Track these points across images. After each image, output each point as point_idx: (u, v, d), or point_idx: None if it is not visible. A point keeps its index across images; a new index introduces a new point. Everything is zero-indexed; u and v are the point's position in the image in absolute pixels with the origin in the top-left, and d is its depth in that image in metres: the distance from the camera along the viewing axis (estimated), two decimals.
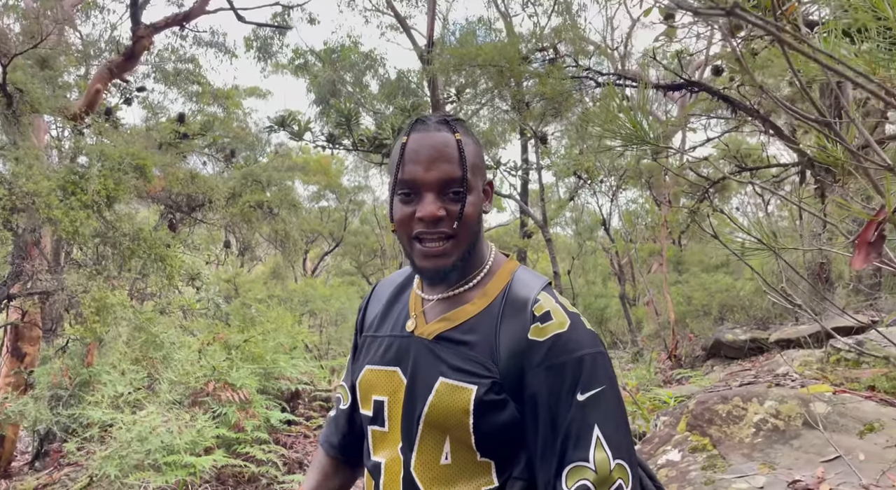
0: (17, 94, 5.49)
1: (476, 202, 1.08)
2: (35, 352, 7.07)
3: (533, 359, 1.00)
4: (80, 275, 5.69)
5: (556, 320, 1.02)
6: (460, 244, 1.06)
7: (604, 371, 0.99)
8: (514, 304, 1.06)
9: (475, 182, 1.08)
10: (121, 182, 5.86)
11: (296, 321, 8.45)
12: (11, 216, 5.23)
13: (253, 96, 15.17)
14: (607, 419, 0.97)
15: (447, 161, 1.05)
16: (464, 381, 1.02)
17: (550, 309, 1.03)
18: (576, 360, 0.98)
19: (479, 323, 1.07)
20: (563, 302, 1.07)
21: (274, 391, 7.31)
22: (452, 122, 1.10)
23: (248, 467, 5.50)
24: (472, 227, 1.07)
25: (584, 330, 1.03)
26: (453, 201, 1.05)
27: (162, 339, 6.49)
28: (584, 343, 1.00)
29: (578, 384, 0.97)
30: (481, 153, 1.15)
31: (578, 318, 1.04)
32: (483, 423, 1.00)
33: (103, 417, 5.29)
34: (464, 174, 1.05)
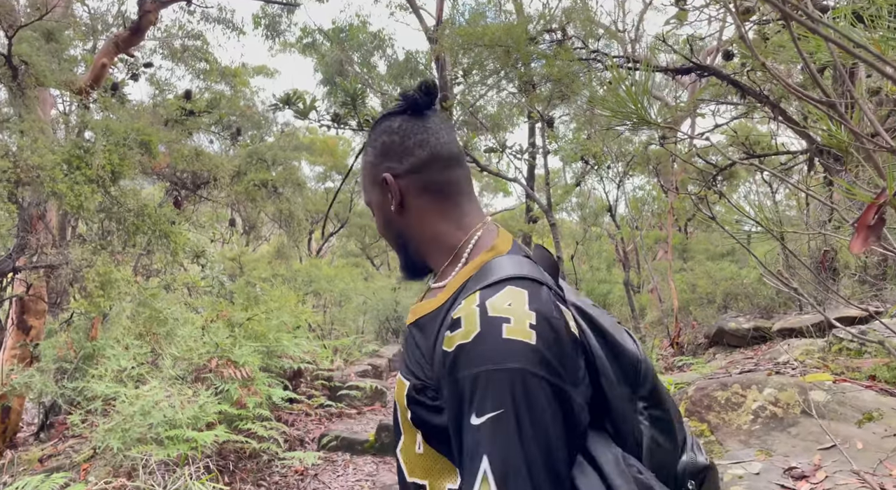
0: (22, 66, 5.46)
1: (376, 214, 1.11)
2: (40, 325, 7.13)
3: (442, 371, 0.88)
4: (85, 249, 5.71)
5: (465, 329, 0.86)
6: (394, 248, 1.13)
7: (505, 392, 0.81)
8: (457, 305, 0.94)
9: (371, 193, 1.10)
10: (126, 157, 5.85)
11: (299, 300, 8.48)
12: (16, 189, 5.24)
13: (260, 75, 15.10)
14: (500, 449, 0.80)
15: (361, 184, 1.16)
16: (405, 375, 1.00)
17: (464, 315, 0.87)
18: (471, 376, 0.83)
19: (431, 321, 0.98)
20: (493, 304, 0.87)
21: (276, 369, 7.36)
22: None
23: (250, 443, 5.56)
24: (389, 232, 1.10)
25: (496, 341, 0.83)
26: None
27: (166, 315, 6.53)
28: (485, 358, 0.83)
29: (472, 405, 0.82)
30: (366, 162, 1.11)
31: (494, 328, 0.84)
32: (417, 420, 0.95)
33: (106, 391, 5.34)
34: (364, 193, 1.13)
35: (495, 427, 0.80)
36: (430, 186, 1.05)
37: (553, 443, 0.81)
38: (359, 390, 7.92)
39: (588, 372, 0.89)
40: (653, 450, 0.95)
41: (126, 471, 5.03)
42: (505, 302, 0.87)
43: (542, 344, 0.83)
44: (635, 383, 0.96)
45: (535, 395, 0.81)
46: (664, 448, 0.96)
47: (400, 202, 1.05)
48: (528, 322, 0.84)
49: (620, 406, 0.92)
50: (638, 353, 0.98)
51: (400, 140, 1.06)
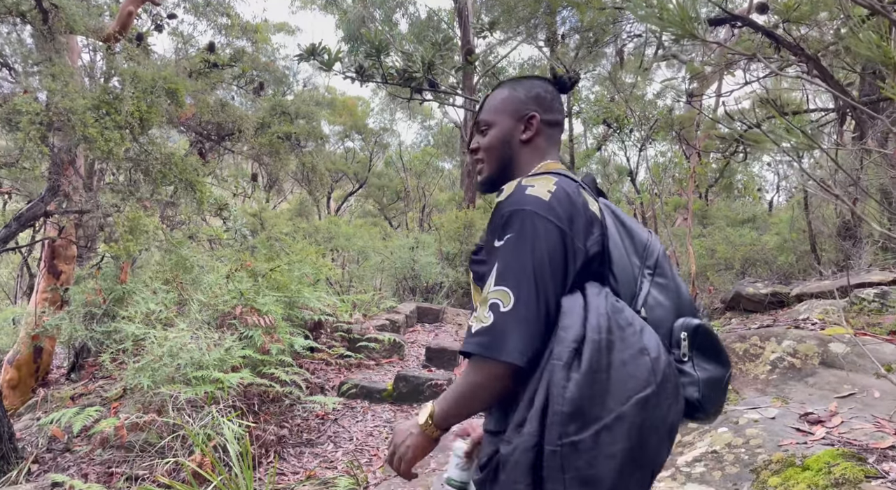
0: (52, 10, 5.49)
1: (497, 135, 1.43)
2: (70, 270, 7.33)
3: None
4: (114, 195, 5.82)
5: (506, 191, 1.24)
6: (487, 167, 1.46)
7: (519, 223, 1.17)
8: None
9: (496, 119, 1.44)
10: (153, 105, 5.91)
11: (320, 254, 8.60)
12: (48, 132, 5.33)
13: (282, 32, 14.99)
14: (506, 258, 1.16)
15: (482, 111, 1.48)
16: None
17: (506, 186, 1.26)
18: (500, 215, 1.20)
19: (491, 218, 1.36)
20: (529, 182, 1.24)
21: (298, 320, 7.51)
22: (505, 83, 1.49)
23: (273, 387, 5.74)
24: (501, 151, 1.43)
25: (520, 195, 1.21)
26: (482, 135, 1.46)
27: (192, 263, 6.67)
28: (512, 203, 1.20)
29: (496, 233, 1.19)
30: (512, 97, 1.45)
31: (521, 189, 1.23)
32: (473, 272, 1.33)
33: (136, 332, 5.51)
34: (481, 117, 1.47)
35: (506, 246, 1.17)
36: (550, 137, 1.45)
37: (545, 263, 1.15)
38: (377, 343, 8.07)
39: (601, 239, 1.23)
40: (652, 306, 1.21)
41: (156, 408, 5.23)
42: (536, 180, 1.25)
43: (553, 201, 1.19)
44: (642, 256, 1.28)
45: (539, 228, 1.16)
46: (663, 306, 1.22)
47: (530, 137, 1.42)
48: (546, 189, 1.22)
49: (622, 262, 1.23)
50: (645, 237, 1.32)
51: (550, 98, 1.45)
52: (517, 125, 1.42)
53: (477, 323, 1.15)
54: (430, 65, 5.97)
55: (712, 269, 9.06)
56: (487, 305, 1.14)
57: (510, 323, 1.11)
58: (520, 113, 1.43)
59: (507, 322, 1.11)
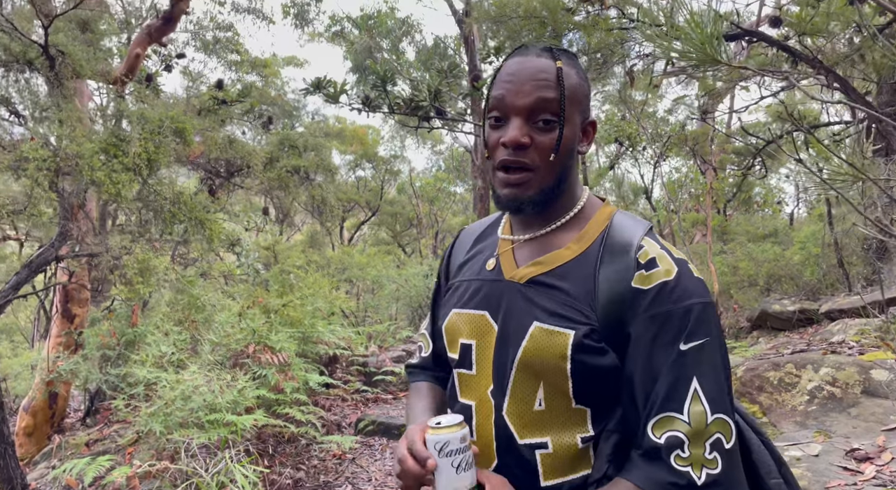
0: (59, 56, 5.52)
1: (570, 136, 1.03)
2: (84, 313, 7.29)
3: (637, 308, 0.95)
4: (124, 237, 5.79)
5: (663, 268, 0.97)
6: (544, 177, 1.02)
7: (711, 322, 0.94)
8: (615, 250, 1.02)
9: (571, 114, 1.03)
10: (161, 145, 5.90)
11: (333, 287, 8.50)
12: (57, 178, 5.31)
13: (290, 65, 15.16)
14: (708, 371, 0.92)
15: (541, 87, 1.00)
16: (560, 325, 0.99)
17: (656, 255, 0.98)
18: (683, 310, 0.93)
19: (575, 268, 1.03)
20: (669, 247, 1.01)
21: (312, 355, 7.39)
22: (557, 51, 1.06)
23: (288, 427, 5.59)
24: (560, 162, 1.03)
25: (693, 278, 0.97)
26: (542, 131, 1.01)
27: (203, 302, 6.60)
28: (692, 292, 0.95)
29: (682, 334, 0.92)
30: (586, 89, 1.08)
31: (686, 266, 0.99)
32: (580, 368, 0.97)
33: (148, 376, 5.42)
34: (560, 102, 1.00)
35: (702, 354, 0.92)
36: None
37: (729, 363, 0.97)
38: (394, 375, 7.91)
39: None
40: None
41: (169, 454, 5.10)
42: (670, 247, 1.03)
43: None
44: None
45: (720, 324, 0.98)
46: None
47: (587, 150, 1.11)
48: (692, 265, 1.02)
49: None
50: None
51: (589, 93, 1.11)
52: (574, 129, 1.04)
53: (697, 467, 0.88)
54: (437, 93, 5.91)
55: (736, 287, 8.81)
56: (708, 441, 0.89)
57: (737, 467, 0.92)
58: (586, 114, 1.08)
59: (734, 465, 0.91)
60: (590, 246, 1.04)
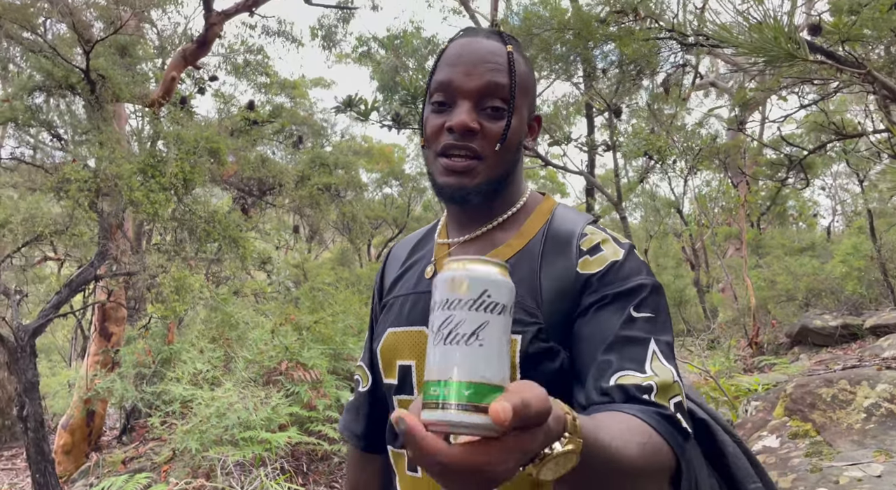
0: (99, 80, 5.67)
1: (518, 128, 0.96)
2: (121, 331, 7.41)
3: (584, 292, 0.90)
4: (160, 256, 5.87)
5: (608, 251, 0.93)
6: (491, 167, 0.94)
7: (661, 303, 0.90)
8: (557, 241, 0.96)
9: (521, 104, 0.96)
10: (196, 165, 6.00)
11: (363, 303, 8.52)
12: (97, 198, 5.43)
13: (318, 87, 15.40)
14: (663, 340, 0.86)
15: (492, 70, 0.92)
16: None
17: (600, 240, 0.94)
18: (631, 287, 0.89)
19: (517, 266, 0.95)
20: (615, 234, 0.98)
21: (343, 372, 7.39)
22: (506, 36, 0.98)
23: (321, 445, 5.57)
24: (507, 153, 0.95)
25: (639, 260, 0.94)
26: (491, 118, 0.93)
27: (237, 320, 6.65)
28: (640, 271, 0.91)
29: (631, 303, 0.87)
30: (532, 79, 1.01)
31: (632, 249, 0.95)
32: (531, 376, 0.86)
33: (184, 393, 5.46)
34: (511, 87, 0.92)
35: (655, 325, 0.87)
36: None
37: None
38: None
39: None
40: None
41: (204, 472, 5.12)
42: (615, 233, 0.99)
43: None
44: None
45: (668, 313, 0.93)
46: None
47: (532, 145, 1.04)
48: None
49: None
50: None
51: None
52: (522, 121, 0.98)
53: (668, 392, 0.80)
54: None
55: (773, 302, 8.59)
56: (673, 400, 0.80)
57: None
58: (533, 107, 1.02)
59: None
60: (530, 241, 0.98)
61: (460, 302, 0.59)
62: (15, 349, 5.03)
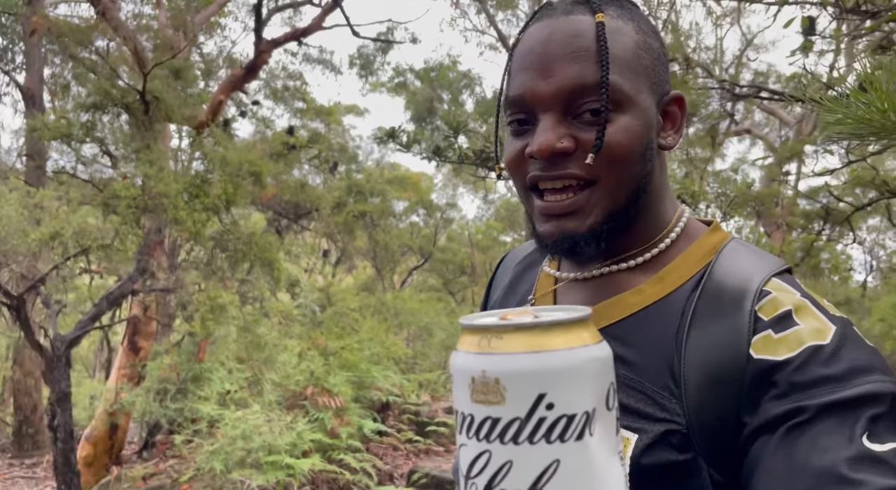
0: (153, 101, 5.85)
1: (635, 125, 0.67)
2: (149, 346, 7.48)
3: (759, 391, 0.59)
4: (198, 274, 5.96)
5: (808, 326, 0.60)
6: (609, 194, 0.68)
7: None
8: (719, 297, 0.65)
9: (634, 91, 0.67)
10: (239, 187, 6.12)
11: (390, 332, 8.52)
12: (143, 215, 5.55)
13: (351, 114, 15.69)
14: None
15: (575, 59, 0.66)
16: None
17: (793, 306, 0.62)
18: (854, 396, 0.55)
19: (648, 324, 0.68)
20: (817, 298, 0.65)
21: (365, 401, 7.35)
22: (598, 2, 0.70)
23: (343, 475, 5.53)
24: (627, 166, 0.67)
25: (866, 347, 0.60)
26: (589, 124, 0.66)
27: (266, 341, 6.69)
28: (870, 367, 0.57)
29: (861, 428, 0.53)
30: (657, 50, 0.71)
31: (850, 330, 0.61)
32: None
33: (212, 413, 5.48)
34: (603, 76, 0.64)
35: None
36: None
37: None
38: (446, 427, 7.77)
39: None
40: None
41: None
42: (819, 298, 0.65)
43: None
44: None
45: None
46: None
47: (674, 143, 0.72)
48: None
49: None
50: None
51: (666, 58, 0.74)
52: (650, 115, 0.69)
53: None
54: None
55: None
56: None
57: None
58: (663, 87, 0.72)
59: None
60: (676, 290, 0.68)
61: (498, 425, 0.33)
62: (51, 359, 5.10)
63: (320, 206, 7.50)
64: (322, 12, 8.19)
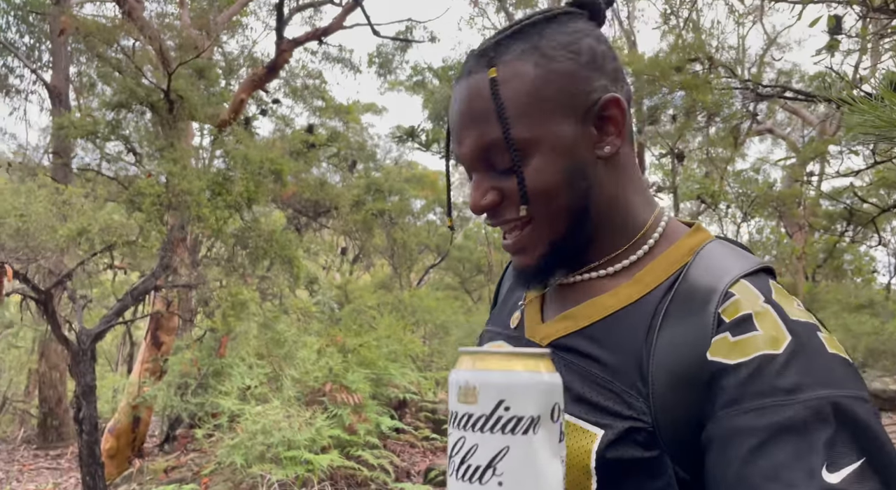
0: (178, 100, 5.93)
1: (550, 162, 0.68)
2: (171, 341, 7.59)
3: (712, 395, 0.59)
4: (220, 271, 6.03)
5: (764, 333, 0.59)
6: (546, 228, 0.71)
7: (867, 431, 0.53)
8: (690, 298, 0.65)
9: (540, 130, 0.68)
10: (260, 185, 6.18)
11: (408, 330, 8.56)
12: (167, 212, 5.62)
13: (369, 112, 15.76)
14: None
15: (476, 121, 0.69)
16: (586, 418, 0.66)
17: (754, 310, 0.61)
18: (808, 409, 0.54)
19: (622, 325, 0.68)
20: (785, 303, 0.62)
21: (383, 398, 7.40)
22: (493, 51, 0.70)
23: (361, 471, 5.57)
24: (555, 200, 0.69)
25: (826, 354, 0.57)
26: (508, 173, 0.69)
27: (285, 337, 6.76)
28: (823, 377, 0.55)
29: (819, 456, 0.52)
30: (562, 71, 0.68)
31: (813, 333, 0.59)
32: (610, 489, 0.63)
33: (233, 407, 5.55)
34: (504, 133, 0.67)
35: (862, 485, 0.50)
36: (631, 135, 0.73)
37: None
38: None
39: None
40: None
41: (247, 487, 5.16)
42: (791, 301, 0.63)
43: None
44: None
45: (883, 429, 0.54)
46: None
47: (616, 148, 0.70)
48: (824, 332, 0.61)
49: None
50: None
51: (611, 53, 0.71)
52: (583, 129, 0.70)
53: None
54: None
55: None
56: None
57: None
58: (583, 99, 0.69)
59: None
60: (651, 292, 0.69)
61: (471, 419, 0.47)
62: (77, 352, 5.20)
63: (339, 204, 7.56)
64: (343, 12, 8.24)
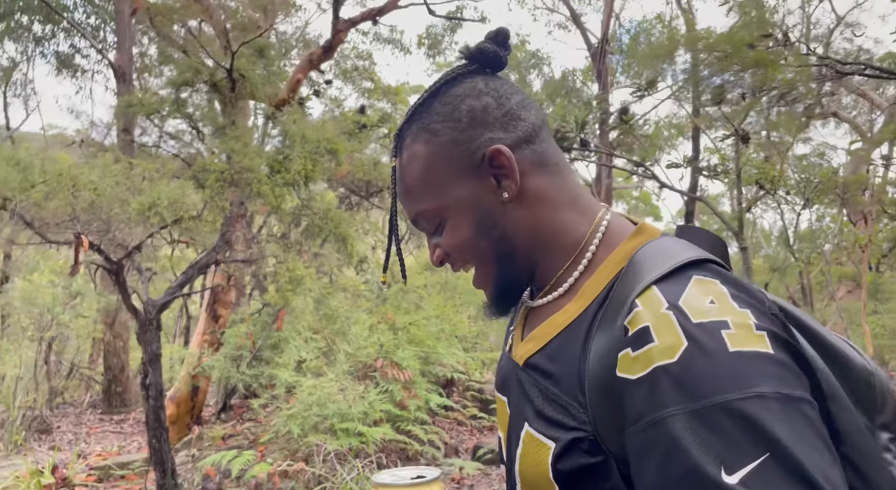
0: (240, 79, 6.07)
1: (458, 221, 0.78)
2: (228, 314, 7.86)
3: (622, 410, 0.61)
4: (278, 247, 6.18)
5: (660, 343, 0.58)
6: (484, 270, 0.81)
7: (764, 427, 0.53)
8: (614, 309, 0.66)
9: (440, 199, 0.78)
10: (317, 163, 6.29)
11: (456, 310, 8.63)
12: (228, 188, 5.78)
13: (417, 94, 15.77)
14: None
15: (403, 198, 0.83)
16: (544, 432, 0.69)
17: (652, 322, 0.60)
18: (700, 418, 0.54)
19: (568, 340, 0.72)
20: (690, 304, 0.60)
21: (431, 376, 7.50)
22: (398, 139, 0.83)
23: (412, 445, 5.69)
24: (474, 249, 0.78)
25: (724, 354, 0.56)
26: (439, 234, 0.82)
27: (339, 313, 6.91)
28: (715, 384, 0.55)
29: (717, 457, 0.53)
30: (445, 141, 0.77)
31: (713, 332, 0.57)
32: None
33: (289, 379, 5.73)
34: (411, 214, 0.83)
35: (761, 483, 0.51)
36: (546, 160, 0.78)
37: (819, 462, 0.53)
38: None
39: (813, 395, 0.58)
40: None
41: (302, 456, 5.34)
42: (704, 298, 0.61)
43: (783, 353, 0.58)
44: (872, 408, 0.65)
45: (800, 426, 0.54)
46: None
47: (515, 191, 0.76)
48: (750, 323, 0.58)
49: (861, 442, 0.62)
50: (868, 364, 0.67)
51: (496, 102, 0.77)
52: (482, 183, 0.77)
53: None
54: (584, 124, 5.92)
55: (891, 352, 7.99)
56: None
57: None
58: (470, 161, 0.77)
59: None
60: (591, 303, 0.71)
61: None
62: (144, 321, 5.42)
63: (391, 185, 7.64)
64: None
